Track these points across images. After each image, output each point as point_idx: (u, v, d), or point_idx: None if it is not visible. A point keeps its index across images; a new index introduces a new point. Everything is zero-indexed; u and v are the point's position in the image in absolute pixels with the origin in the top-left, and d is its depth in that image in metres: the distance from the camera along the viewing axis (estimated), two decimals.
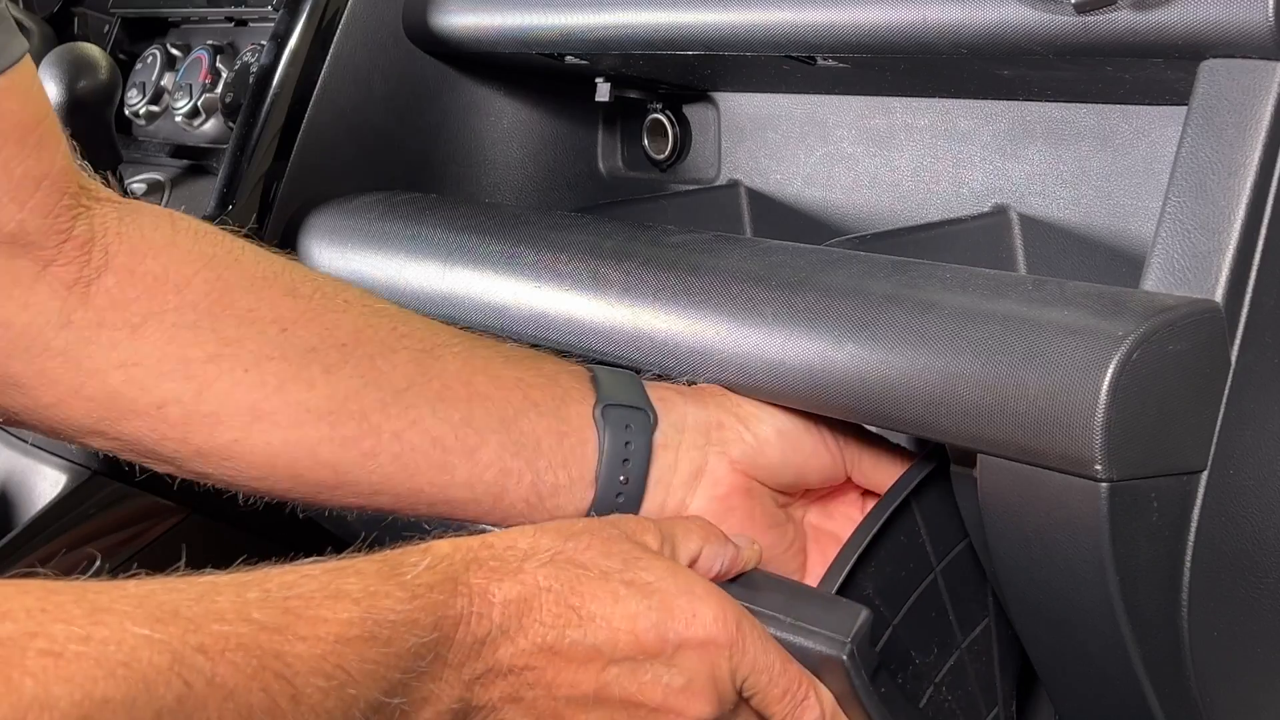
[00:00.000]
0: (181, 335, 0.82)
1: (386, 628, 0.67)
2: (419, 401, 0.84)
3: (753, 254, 0.92)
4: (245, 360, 0.82)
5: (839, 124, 1.18)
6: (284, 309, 0.84)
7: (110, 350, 0.81)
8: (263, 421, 0.82)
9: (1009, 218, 1.07)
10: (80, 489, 1.46)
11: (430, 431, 0.84)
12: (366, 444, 0.83)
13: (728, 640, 0.76)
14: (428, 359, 0.85)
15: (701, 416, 0.87)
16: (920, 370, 0.77)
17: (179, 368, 0.81)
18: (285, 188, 1.21)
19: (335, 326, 0.85)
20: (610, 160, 1.37)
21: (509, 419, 0.85)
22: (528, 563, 0.74)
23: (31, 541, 1.43)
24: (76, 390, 0.81)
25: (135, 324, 0.81)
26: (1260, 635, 0.81)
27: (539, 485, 0.85)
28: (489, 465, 0.85)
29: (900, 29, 0.92)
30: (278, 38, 1.23)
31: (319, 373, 0.83)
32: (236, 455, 0.83)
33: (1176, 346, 0.72)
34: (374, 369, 0.84)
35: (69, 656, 0.55)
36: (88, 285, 0.81)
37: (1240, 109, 0.76)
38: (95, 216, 0.82)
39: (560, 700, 0.74)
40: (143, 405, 0.82)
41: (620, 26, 1.09)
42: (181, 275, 0.83)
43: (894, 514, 0.83)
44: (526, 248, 1.01)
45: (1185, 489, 0.75)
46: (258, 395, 0.82)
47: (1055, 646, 0.81)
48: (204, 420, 0.82)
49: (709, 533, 0.82)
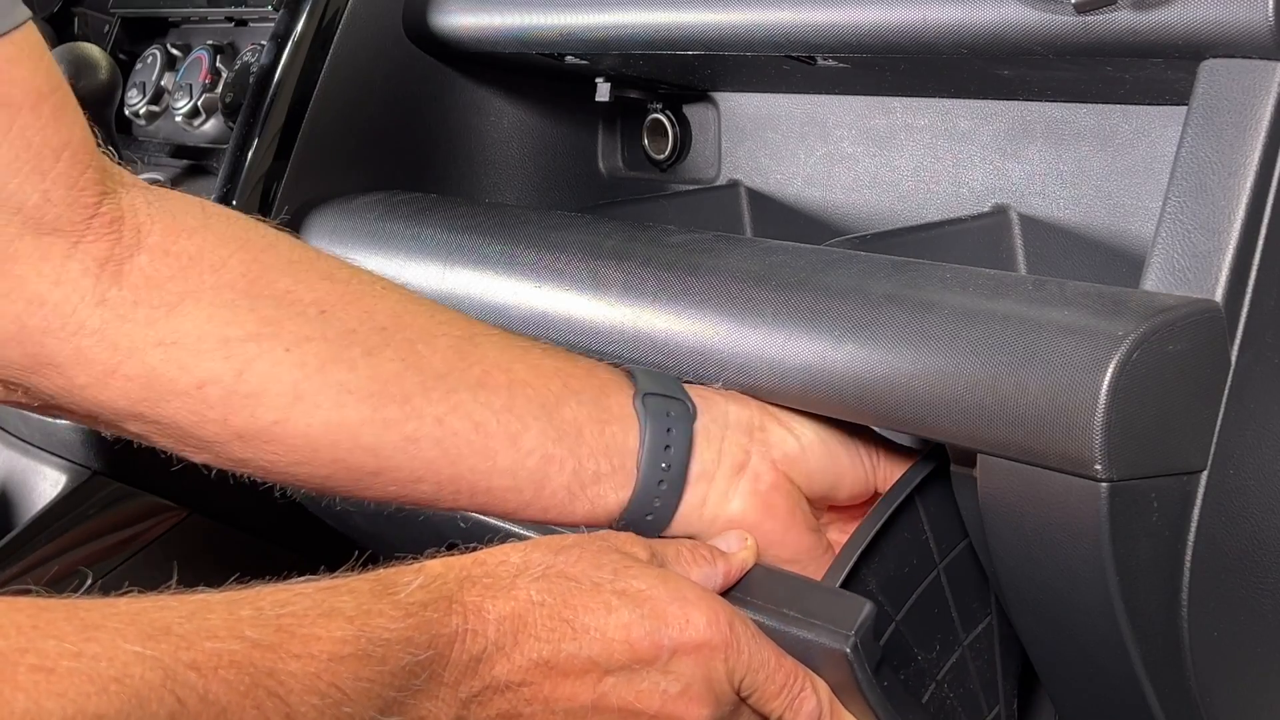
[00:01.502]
0: (220, 314, 0.80)
1: (380, 646, 0.66)
2: (460, 386, 0.83)
3: (753, 254, 0.92)
4: (285, 340, 0.80)
5: (839, 124, 1.18)
6: (322, 291, 0.83)
7: (147, 328, 0.80)
8: (304, 402, 0.80)
9: (1009, 218, 1.07)
10: (80, 489, 1.46)
11: (473, 416, 0.82)
12: (409, 427, 0.82)
13: (722, 642, 0.76)
14: (467, 345, 0.84)
15: (744, 415, 0.86)
16: (920, 370, 0.77)
17: (218, 347, 0.80)
18: (285, 188, 1.21)
19: (374, 310, 0.83)
20: (610, 160, 1.37)
21: (550, 406, 0.84)
22: (520, 578, 0.74)
23: (31, 541, 1.43)
24: (114, 370, 0.79)
25: (172, 303, 0.80)
26: (1260, 635, 0.81)
27: (581, 473, 0.84)
28: (531, 451, 0.83)
29: (900, 29, 0.92)
30: (278, 38, 1.23)
31: (360, 355, 0.81)
32: (277, 438, 0.81)
33: (1176, 346, 0.72)
34: (414, 353, 0.83)
35: (61, 672, 0.55)
36: (120, 264, 0.80)
37: (1240, 109, 0.76)
38: (123, 196, 0.81)
39: (558, 714, 0.74)
40: (182, 385, 0.80)
41: (620, 26, 1.09)
42: (217, 256, 0.81)
43: (898, 510, 0.83)
44: (526, 248, 1.01)
45: (1185, 489, 0.75)
46: (299, 375, 0.80)
47: (1055, 646, 0.81)
48: (244, 401, 0.80)
49: (698, 555, 0.82)
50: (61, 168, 0.78)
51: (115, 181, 0.81)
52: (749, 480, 0.85)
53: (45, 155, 0.77)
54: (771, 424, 0.86)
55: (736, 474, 0.86)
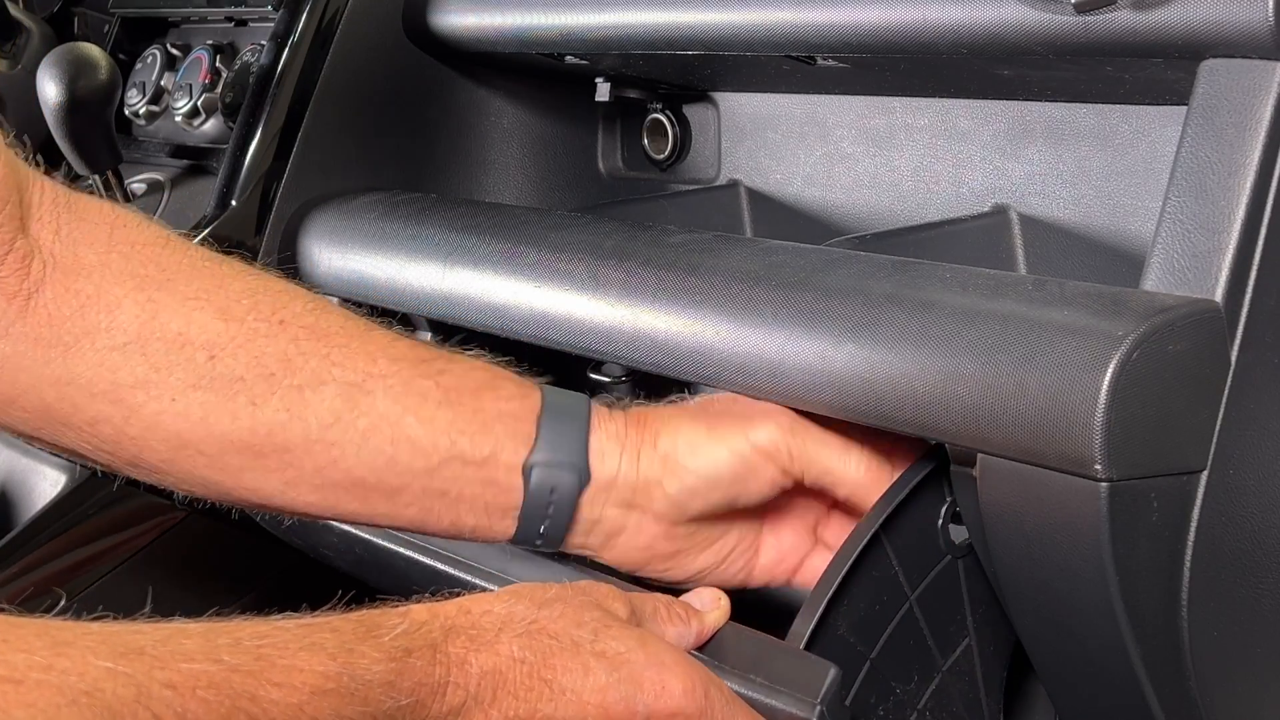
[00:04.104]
0: (112, 359, 0.83)
1: (363, 686, 0.66)
2: (343, 439, 0.85)
3: (753, 254, 0.92)
4: (172, 389, 0.83)
5: (839, 124, 1.18)
6: (213, 333, 0.84)
7: (45, 367, 0.82)
8: (188, 449, 0.84)
9: (1009, 218, 1.07)
10: (80, 489, 1.46)
11: (352, 472, 0.85)
12: (289, 474, 0.85)
13: (696, 710, 0.76)
14: (358, 394, 0.86)
15: (631, 477, 0.88)
16: (920, 370, 0.77)
17: (109, 390, 0.83)
18: (285, 188, 1.21)
19: (264, 354, 0.85)
20: (610, 160, 1.37)
21: (434, 468, 0.86)
22: (504, 633, 0.74)
23: (31, 541, 1.43)
24: (12, 401, 0.83)
25: (68, 343, 0.83)
26: (1260, 635, 0.81)
27: (459, 525, 0.87)
28: (409, 505, 0.87)
29: (900, 29, 0.92)
30: (278, 38, 1.23)
31: (244, 405, 0.84)
32: (166, 474, 0.86)
33: (1176, 346, 0.72)
34: (301, 400, 0.85)
35: (30, 684, 0.55)
36: (28, 298, 0.82)
37: (1240, 109, 0.76)
38: (38, 227, 0.83)
39: None
40: (76, 421, 0.83)
41: (620, 26, 1.09)
42: (113, 296, 0.84)
43: (864, 551, 0.83)
44: (526, 248, 1.01)
45: (1185, 489, 0.75)
46: (183, 425, 0.83)
47: (1055, 646, 0.81)
48: (133, 442, 0.84)
49: (673, 614, 0.83)
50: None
51: (30, 213, 0.83)
52: (626, 539, 0.89)
53: None
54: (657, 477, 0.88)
55: (611, 538, 0.89)
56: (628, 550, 0.89)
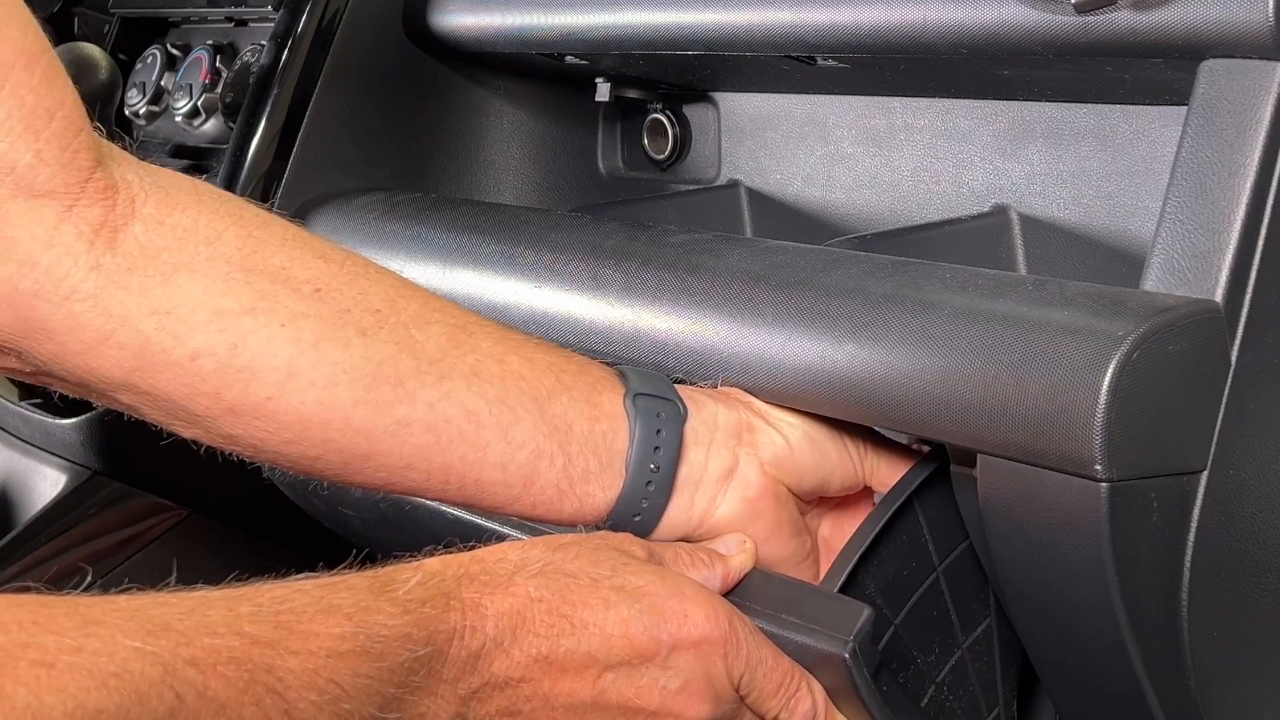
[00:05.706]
0: (215, 286, 0.79)
1: (379, 642, 0.66)
2: (454, 373, 0.82)
3: (753, 254, 0.92)
4: (281, 315, 0.80)
5: (839, 124, 1.18)
6: (317, 270, 0.82)
7: (142, 296, 0.78)
8: (298, 379, 0.79)
9: (1009, 218, 1.07)
10: (80, 489, 1.46)
11: (465, 404, 0.82)
12: (401, 410, 0.81)
13: (721, 638, 0.76)
14: (461, 334, 0.84)
15: (732, 417, 0.86)
16: (920, 370, 0.77)
17: (213, 319, 0.79)
18: (285, 187, 1.22)
19: (368, 292, 0.83)
20: (610, 160, 1.37)
21: (542, 400, 0.83)
22: (518, 575, 0.74)
23: (31, 541, 1.43)
24: (106, 337, 0.78)
25: (167, 273, 0.79)
26: (1260, 635, 0.81)
27: (570, 470, 0.83)
28: (523, 445, 0.82)
29: (900, 29, 0.92)
30: (278, 37, 1.23)
31: (354, 334, 0.81)
32: (269, 414, 0.80)
33: (1176, 346, 0.72)
34: (409, 337, 0.82)
35: (61, 667, 0.55)
36: (115, 231, 0.79)
37: (1240, 109, 0.76)
38: (116, 168, 0.80)
39: (558, 710, 0.74)
40: (176, 355, 0.79)
41: (620, 26, 1.09)
42: (212, 229, 0.81)
43: (896, 513, 0.83)
44: (526, 248, 1.01)
45: (1185, 489, 0.75)
46: (293, 351, 0.79)
47: (1055, 646, 0.81)
48: (238, 374, 0.79)
49: (696, 558, 0.82)
50: (55, 128, 0.76)
51: (107, 153, 0.80)
52: (737, 486, 0.85)
53: (39, 114, 0.76)
54: (760, 425, 0.86)
55: (725, 479, 0.85)
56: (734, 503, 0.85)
